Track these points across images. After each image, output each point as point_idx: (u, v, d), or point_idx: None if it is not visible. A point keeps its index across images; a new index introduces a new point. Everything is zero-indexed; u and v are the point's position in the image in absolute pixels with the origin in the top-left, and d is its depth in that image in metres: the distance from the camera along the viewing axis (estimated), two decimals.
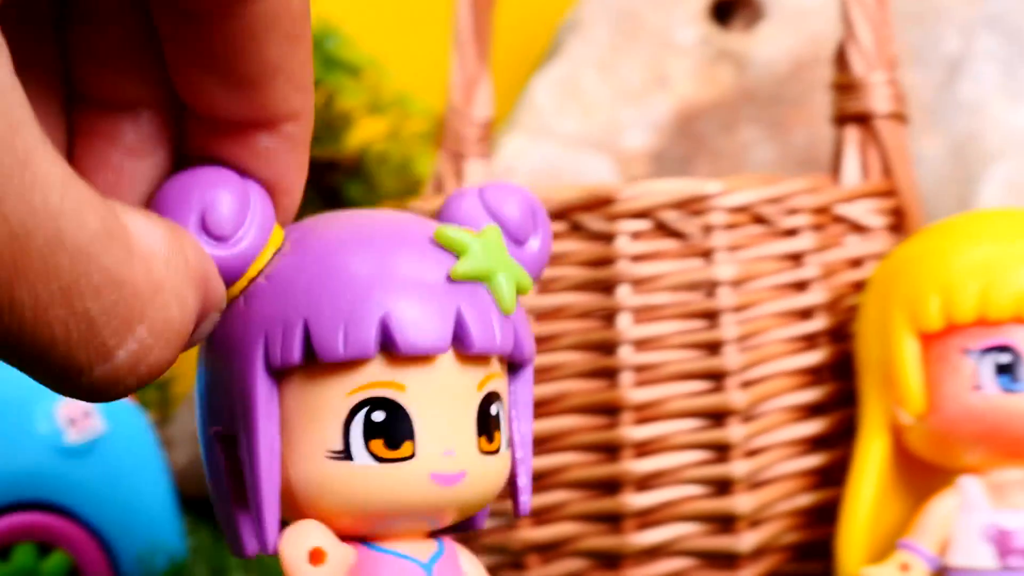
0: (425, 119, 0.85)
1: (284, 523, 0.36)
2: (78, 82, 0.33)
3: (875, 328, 0.52)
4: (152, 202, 0.34)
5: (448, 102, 0.67)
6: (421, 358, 0.35)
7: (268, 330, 0.35)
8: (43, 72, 0.31)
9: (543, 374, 0.55)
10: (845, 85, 0.57)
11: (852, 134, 0.57)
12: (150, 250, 0.29)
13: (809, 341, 0.55)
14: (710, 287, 0.54)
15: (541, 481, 0.55)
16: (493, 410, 0.36)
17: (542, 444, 0.55)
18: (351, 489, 0.35)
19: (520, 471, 0.38)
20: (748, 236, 0.54)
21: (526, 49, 0.91)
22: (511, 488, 0.38)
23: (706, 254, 0.54)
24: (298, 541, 0.35)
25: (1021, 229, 0.51)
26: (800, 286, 0.55)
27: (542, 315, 0.56)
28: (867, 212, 0.56)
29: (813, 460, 0.55)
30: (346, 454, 0.35)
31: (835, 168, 0.57)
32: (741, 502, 0.54)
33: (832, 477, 0.55)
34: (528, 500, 0.38)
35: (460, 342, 0.35)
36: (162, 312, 0.29)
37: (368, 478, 0.35)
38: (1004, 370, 0.49)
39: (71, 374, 0.28)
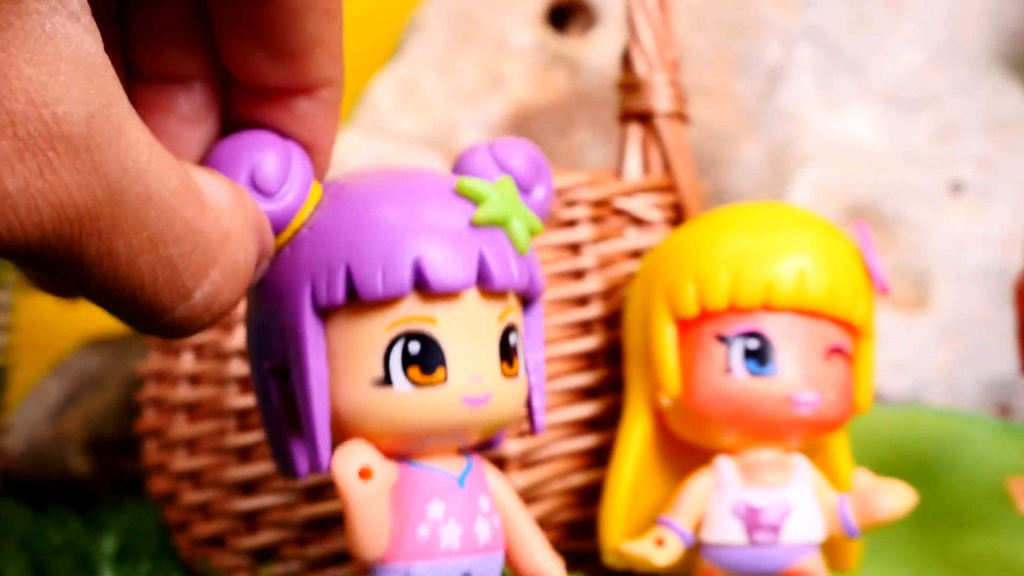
0: None
1: (332, 446, 0.40)
2: (137, 59, 0.37)
3: (639, 315, 0.55)
4: (205, 164, 0.39)
5: None
6: (450, 295, 0.40)
7: (314, 274, 0.40)
8: (110, 51, 0.34)
9: None
10: (629, 85, 0.59)
11: (634, 132, 0.59)
12: (218, 204, 0.34)
13: (584, 328, 0.58)
14: None
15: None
16: (511, 340, 0.42)
17: None
18: (393, 412, 0.40)
19: (535, 394, 0.44)
20: None
21: (376, 50, 0.93)
22: (528, 409, 0.44)
23: None
24: (349, 460, 0.40)
25: (772, 223, 0.54)
26: (578, 275, 0.58)
27: None
28: (646, 206, 0.59)
29: (586, 441, 0.58)
30: (387, 381, 0.40)
31: (619, 164, 0.60)
32: (515, 480, 0.56)
33: (604, 458, 0.57)
34: (543, 420, 0.44)
35: (483, 279, 0.40)
36: (230, 257, 0.34)
37: (408, 401, 0.40)
38: (753, 355, 0.52)
39: (156, 313, 0.32)
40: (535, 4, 0.84)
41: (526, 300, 0.44)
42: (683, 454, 0.55)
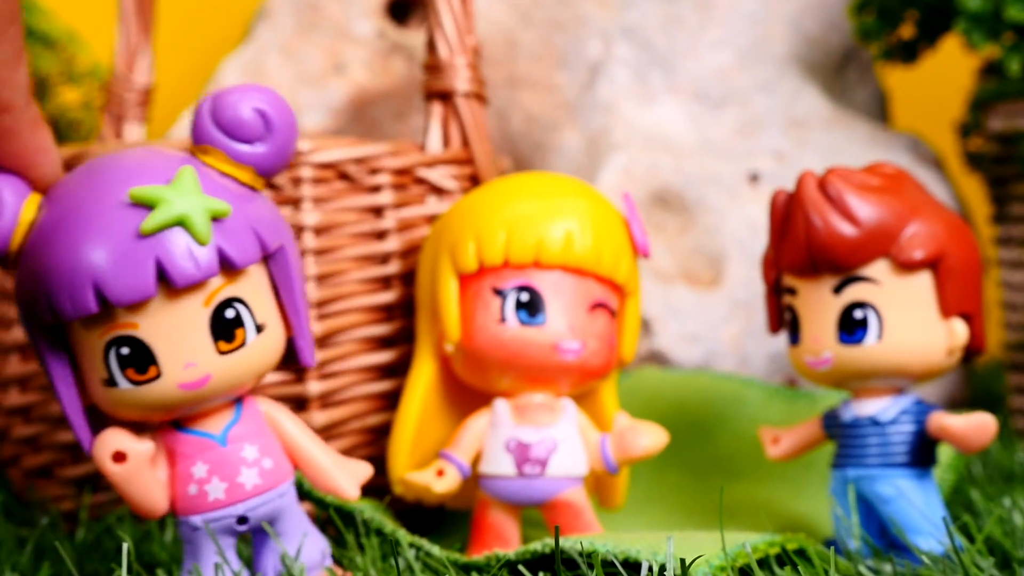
0: None
1: (116, 422, 0.47)
2: None
3: (428, 271, 0.61)
4: None
5: (113, 69, 0.74)
6: (139, 304, 0.44)
7: (26, 301, 0.45)
8: None
9: None
10: (432, 66, 0.66)
11: (436, 109, 0.66)
12: None
13: (384, 283, 0.64)
14: (297, 231, 0.62)
15: None
16: (228, 314, 0.46)
17: None
18: (126, 405, 0.46)
19: (298, 333, 0.48)
20: (333, 190, 0.63)
21: (229, 36, 0.99)
22: (294, 348, 0.49)
23: (295, 203, 0.62)
24: (102, 448, 0.46)
25: (547, 190, 0.60)
26: (379, 235, 0.64)
27: None
28: (445, 176, 0.65)
29: (383, 386, 0.64)
30: (112, 382, 0.45)
31: (424, 138, 0.66)
32: (315, 418, 0.62)
33: (398, 401, 0.63)
34: (311, 354, 0.49)
35: (166, 282, 0.44)
36: None
37: (132, 396, 0.46)
38: (524, 306, 0.58)
39: None
40: None
41: (265, 256, 0.47)
42: (465, 397, 0.61)
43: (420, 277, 0.61)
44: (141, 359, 0.45)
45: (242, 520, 0.48)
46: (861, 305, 0.56)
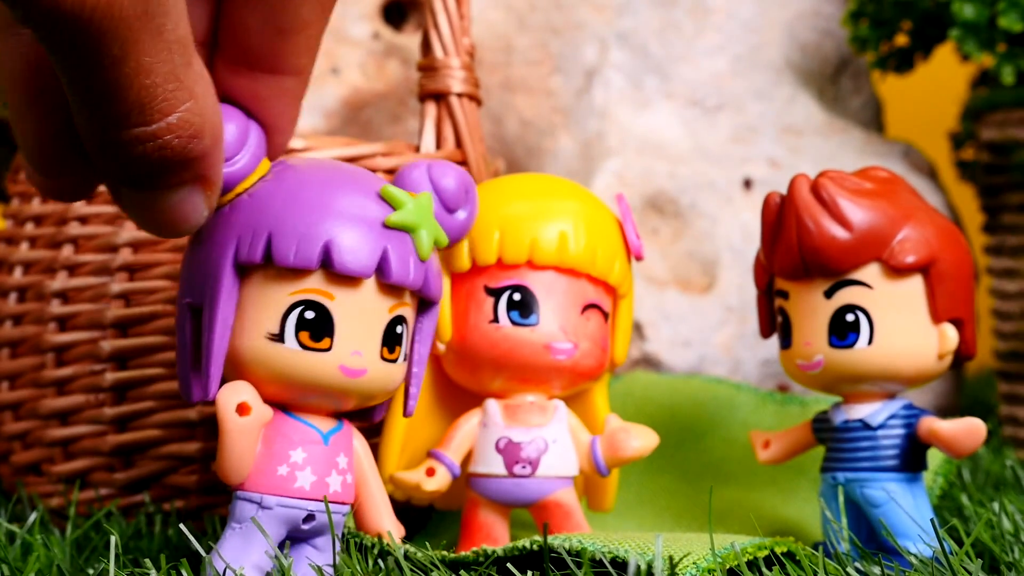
0: None
1: (225, 383, 0.47)
2: None
3: None
4: None
5: None
6: (350, 278, 0.47)
7: (241, 234, 0.47)
8: None
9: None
10: (427, 67, 0.66)
11: (430, 109, 0.66)
12: (202, 74, 0.40)
13: None
14: None
15: None
16: (398, 330, 0.49)
17: None
18: (280, 365, 0.47)
19: (412, 381, 0.52)
20: None
21: None
22: (404, 393, 0.52)
23: None
24: (231, 395, 0.47)
25: (541, 191, 0.60)
26: None
27: None
28: None
29: None
30: (280, 338, 0.47)
31: (419, 138, 0.66)
32: None
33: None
34: (414, 405, 0.52)
35: (381, 272, 0.48)
36: (195, 116, 0.40)
37: (294, 359, 0.47)
38: (516, 306, 0.58)
39: (119, 124, 0.38)
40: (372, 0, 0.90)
41: (424, 302, 0.51)
42: (457, 398, 0.61)
43: None
44: (321, 328, 0.47)
45: (309, 518, 0.48)
46: (852, 309, 0.56)
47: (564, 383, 0.59)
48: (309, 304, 0.47)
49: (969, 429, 0.55)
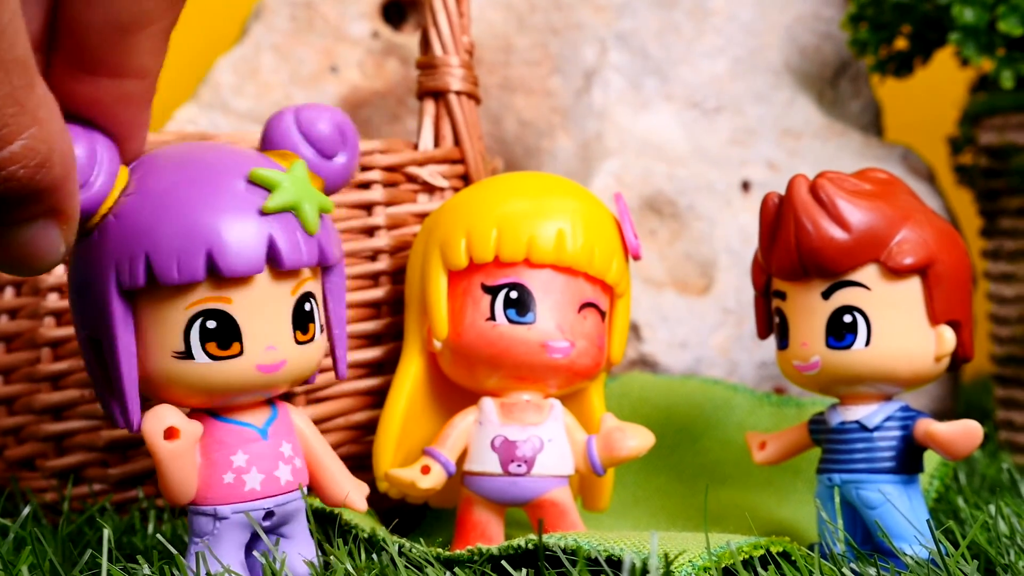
0: None
1: (149, 402, 0.46)
2: None
3: (418, 267, 0.60)
4: None
5: None
6: (243, 278, 0.45)
7: (118, 260, 0.44)
8: None
9: None
10: (426, 65, 0.66)
11: (429, 107, 0.66)
12: (46, 97, 0.36)
13: (373, 280, 0.64)
14: None
15: None
16: (307, 307, 0.47)
17: None
18: (195, 380, 0.46)
19: (336, 344, 0.50)
20: None
21: (225, 35, 0.99)
22: (332, 357, 0.50)
23: None
24: (155, 423, 0.45)
25: (539, 189, 0.60)
26: (369, 232, 0.64)
27: None
28: (436, 174, 0.65)
29: (369, 382, 0.64)
30: (187, 354, 0.45)
31: (417, 135, 0.66)
32: None
33: (385, 398, 0.63)
34: (344, 367, 0.50)
35: (273, 262, 0.45)
36: (42, 141, 0.36)
37: (207, 371, 0.45)
38: (513, 304, 0.58)
39: None
40: None
41: (325, 264, 0.48)
42: (452, 396, 0.61)
43: (410, 274, 0.61)
44: (226, 334, 0.45)
45: (268, 515, 0.48)
46: (850, 310, 0.56)
47: (560, 382, 0.59)
48: (208, 314, 0.45)
49: (966, 431, 0.55)
